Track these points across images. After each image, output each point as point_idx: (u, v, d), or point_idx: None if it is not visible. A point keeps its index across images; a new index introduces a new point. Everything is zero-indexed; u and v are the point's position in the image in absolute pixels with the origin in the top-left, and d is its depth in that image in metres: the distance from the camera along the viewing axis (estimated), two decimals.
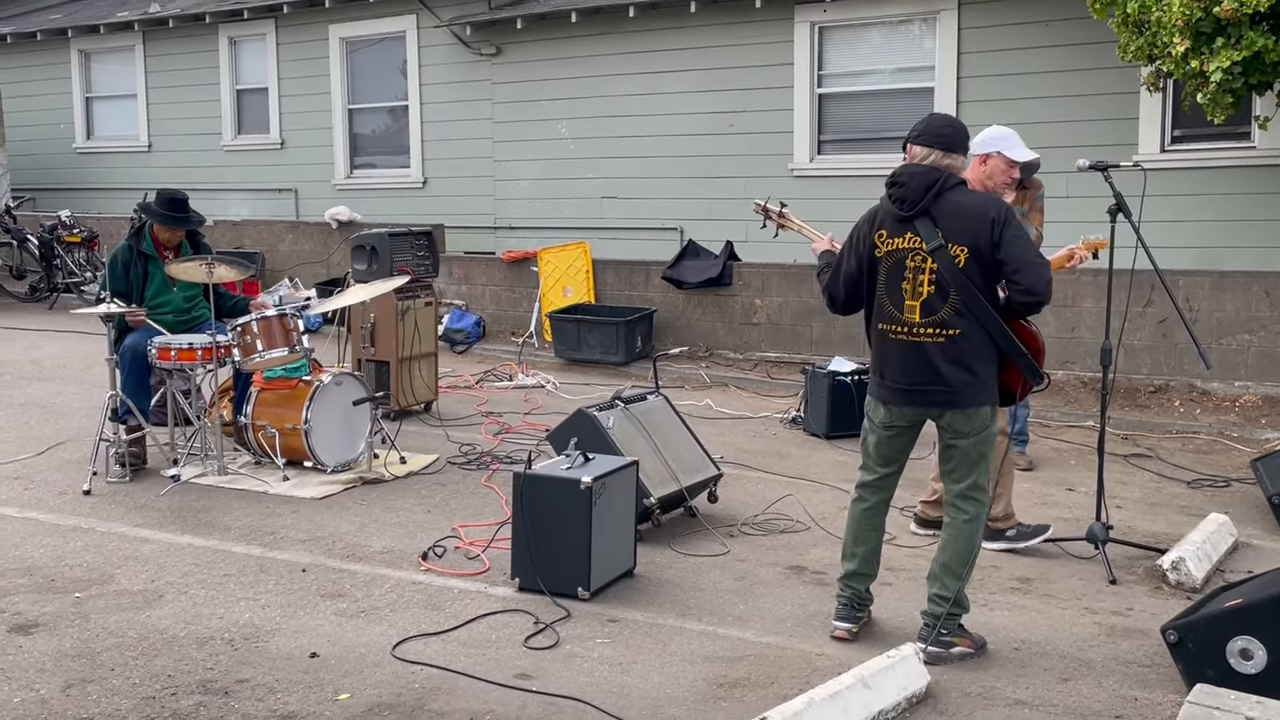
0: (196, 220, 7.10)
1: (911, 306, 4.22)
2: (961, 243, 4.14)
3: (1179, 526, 5.94)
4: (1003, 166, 5.25)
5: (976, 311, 4.15)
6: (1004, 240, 4.11)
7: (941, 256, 4.15)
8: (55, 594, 4.83)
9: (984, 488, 4.34)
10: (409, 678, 4.08)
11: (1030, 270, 4.11)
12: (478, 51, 13.07)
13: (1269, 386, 8.62)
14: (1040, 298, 4.12)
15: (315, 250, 13.28)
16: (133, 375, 6.63)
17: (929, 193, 4.18)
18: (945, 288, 4.16)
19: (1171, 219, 8.92)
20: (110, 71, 16.37)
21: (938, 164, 4.22)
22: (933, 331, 4.19)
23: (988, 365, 4.23)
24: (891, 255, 4.27)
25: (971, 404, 4.22)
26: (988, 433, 4.29)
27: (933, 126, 4.29)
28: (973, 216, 4.16)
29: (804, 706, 3.61)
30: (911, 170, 4.25)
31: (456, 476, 6.74)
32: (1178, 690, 4.00)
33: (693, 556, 5.44)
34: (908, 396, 4.28)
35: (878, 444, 4.45)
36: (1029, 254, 4.15)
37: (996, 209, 4.18)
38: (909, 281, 4.22)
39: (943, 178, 4.20)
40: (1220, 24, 7.28)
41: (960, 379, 4.19)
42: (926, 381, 4.22)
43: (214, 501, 6.17)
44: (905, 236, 4.23)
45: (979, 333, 4.18)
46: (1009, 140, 5.29)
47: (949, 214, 4.17)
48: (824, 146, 11.27)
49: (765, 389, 9.61)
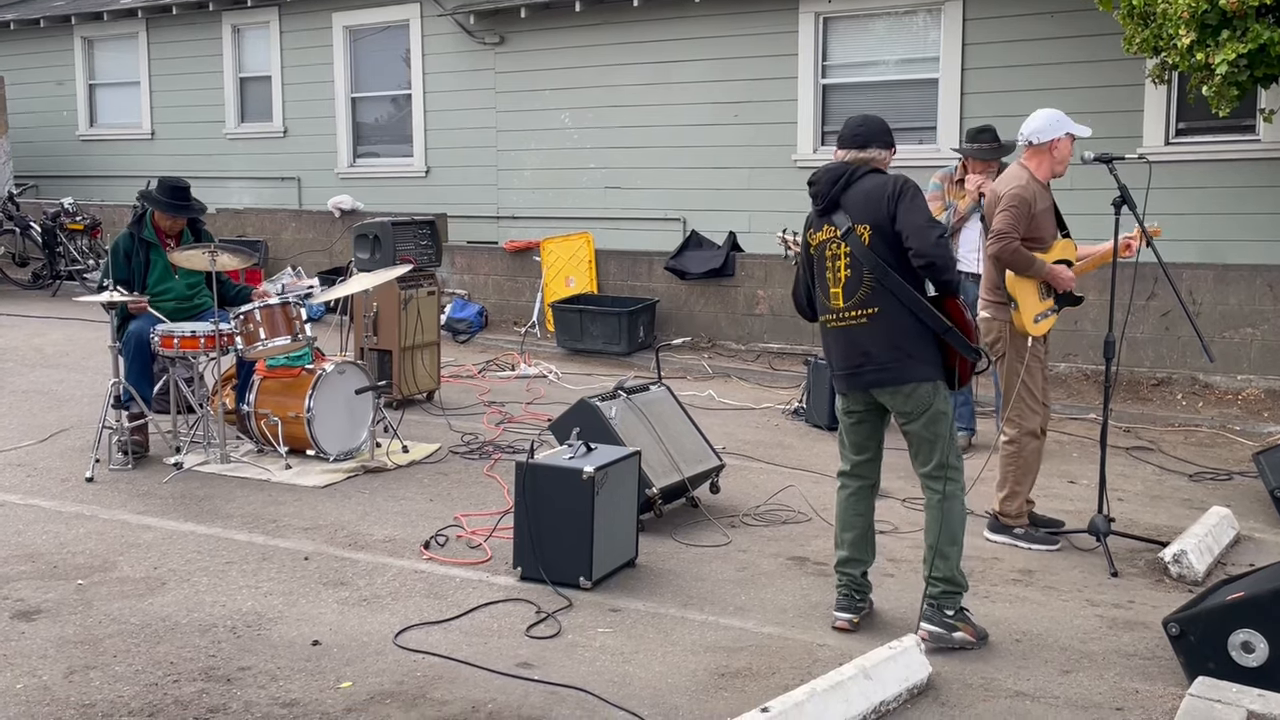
0: (198, 208, 7.10)
1: (835, 293, 4.42)
2: (864, 221, 4.32)
3: (1181, 519, 5.94)
4: (1070, 145, 5.41)
5: (892, 288, 4.27)
6: (899, 211, 4.26)
7: (851, 239, 4.34)
8: (58, 580, 4.84)
9: (951, 464, 4.37)
10: (411, 666, 4.09)
11: (918, 233, 4.19)
12: (481, 40, 13.04)
13: (1272, 380, 8.62)
14: (930, 258, 4.17)
15: (318, 239, 13.27)
16: (136, 362, 6.63)
17: (836, 185, 4.40)
18: (859, 269, 4.33)
19: (1175, 212, 8.90)
20: (113, 59, 16.35)
21: (853, 160, 4.42)
22: (856, 313, 4.36)
23: (917, 342, 4.30)
24: (817, 249, 4.50)
25: (905, 380, 4.30)
26: (934, 411, 4.33)
27: (847, 128, 4.52)
28: (874, 196, 4.32)
29: (805, 697, 3.61)
30: (824, 169, 4.47)
31: (459, 466, 6.75)
32: (1179, 683, 4.00)
33: (694, 547, 5.44)
34: (848, 380, 4.45)
35: (845, 430, 4.60)
36: (919, 219, 4.23)
37: (894, 185, 4.32)
38: (830, 269, 4.43)
39: (850, 170, 4.40)
40: (1226, 16, 7.26)
41: (886, 356, 4.31)
42: (858, 363, 4.38)
43: (216, 489, 6.18)
44: (824, 229, 4.46)
45: (898, 310, 4.29)
46: (1067, 120, 5.44)
47: (855, 199, 4.36)
48: (828, 138, 11.24)
49: (767, 380, 9.61)
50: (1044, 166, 5.39)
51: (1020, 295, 5.35)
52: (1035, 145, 5.40)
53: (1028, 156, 5.43)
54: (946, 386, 4.38)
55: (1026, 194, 5.27)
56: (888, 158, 4.47)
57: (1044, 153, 5.38)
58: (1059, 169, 5.39)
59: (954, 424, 4.44)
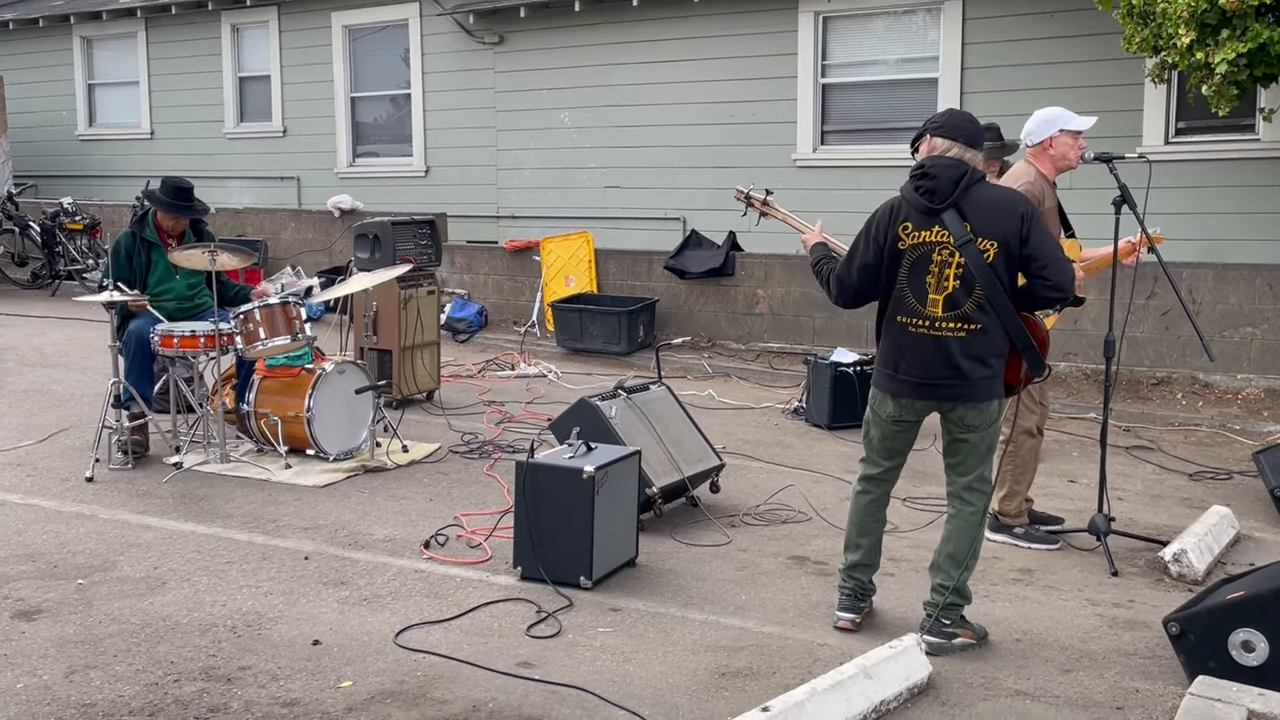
0: (201, 209, 7.10)
1: (935, 300, 4.18)
2: (990, 237, 4.13)
3: (1181, 519, 5.94)
4: (1068, 140, 5.37)
5: (998, 307, 4.15)
6: (1032, 236, 4.13)
7: (970, 251, 4.12)
8: (58, 580, 4.83)
9: (989, 479, 4.35)
10: (411, 666, 4.09)
11: (1059, 267, 4.14)
12: (480, 40, 13.04)
13: (1271, 379, 8.62)
14: (1065, 294, 4.18)
15: (318, 238, 13.27)
16: (136, 362, 6.63)
17: (958, 186, 4.14)
18: (971, 282, 4.14)
19: (1175, 211, 8.90)
20: (113, 58, 16.34)
21: (960, 157, 4.19)
22: (955, 325, 4.17)
23: (1001, 359, 4.24)
24: (917, 248, 4.21)
25: (985, 397, 4.23)
26: (996, 426, 4.31)
27: (955, 119, 4.27)
28: (1002, 212, 4.15)
29: (806, 696, 3.61)
30: (942, 163, 4.19)
31: (459, 465, 6.74)
32: (1179, 682, 4.00)
33: (695, 546, 5.44)
34: (924, 390, 4.25)
35: (883, 438, 4.42)
36: (1057, 250, 4.18)
37: (1025, 205, 4.20)
38: (934, 275, 4.18)
39: (970, 171, 4.17)
40: (1226, 16, 7.26)
41: (977, 373, 4.19)
42: (945, 375, 4.20)
43: (216, 489, 6.18)
44: (933, 230, 4.18)
45: (997, 327, 4.18)
46: (1063, 116, 5.38)
47: (978, 208, 4.15)
48: (827, 137, 11.25)
49: (767, 379, 9.61)
50: (1046, 165, 5.39)
51: None
52: (1031, 146, 5.41)
53: (1031, 155, 5.44)
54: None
55: (1035, 190, 5.27)
56: (983, 162, 4.31)
57: (1042, 152, 5.39)
58: (1062, 165, 5.37)
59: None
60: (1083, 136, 5.41)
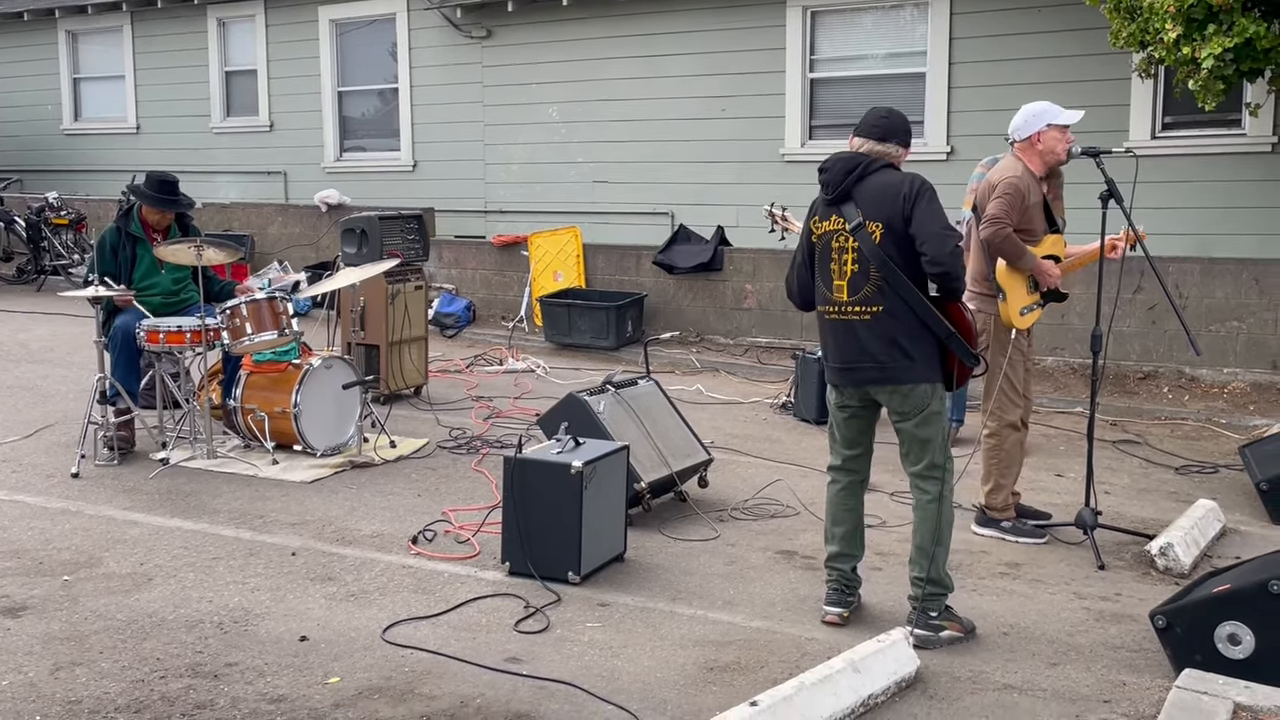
0: (186, 203, 7.07)
1: (839, 286, 4.37)
2: (877, 219, 4.27)
3: (1167, 512, 5.96)
4: (1056, 135, 5.37)
5: (898, 288, 4.24)
6: (914, 213, 4.21)
7: (861, 234, 4.28)
8: (43, 577, 4.81)
9: (941, 465, 4.37)
10: (399, 661, 4.08)
11: (935, 240, 4.16)
12: (468, 34, 13.00)
13: (1257, 373, 8.65)
14: (943, 267, 4.15)
15: (305, 233, 13.22)
16: (123, 357, 6.60)
17: (850, 176, 4.34)
18: (866, 265, 4.29)
19: (1162, 206, 8.92)
20: (98, 52, 16.25)
21: (869, 151, 4.36)
22: (859, 309, 4.32)
23: (918, 343, 4.28)
24: (821, 238, 4.44)
25: (905, 381, 4.29)
26: (929, 412, 4.33)
27: (868, 118, 4.46)
28: (888, 194, 4.27)
29: (794, 690, 3.61)
30: (837, 157, 4.43)
31: (446, 461, 6.73)
32: (1166, 675, 4.01)
33: (683, 541, 5.44)
34: (845, 375, 4.41)
35: (836, 425, 4.58)
36: (936, 225, 4.20)
37: (910, 184, 4.26)
38: (835, 261, 4.38)
39: (865, 161, 4.34)
40: (1212, 10, 7.27)
41: (889, 356, 4.28)
42: (858, 359, 4.35)
43: (203, 485, 6.16)
44: (831, 219, 4.40)
45: (903, 310, 4.26)
46: (1050, 111, 5.38)
47: (869, 194, 4.31)
48: (815, 132, 11.25)
49: (756, 374, 9.61)
50: (1034, 160, 5.40)
51: (1009, 287, 5.36)
52: (1019, 141, 5.42)
53: (1019, 150, 5.45)
54: (944, 388, 4.37)
55: (1021, 184, 5.28)
56: (904, 155, 4.42)
57: (1030, 147, 5.40)
58: (1050, 159, 5.39)
59: (947, 424, 4.44)
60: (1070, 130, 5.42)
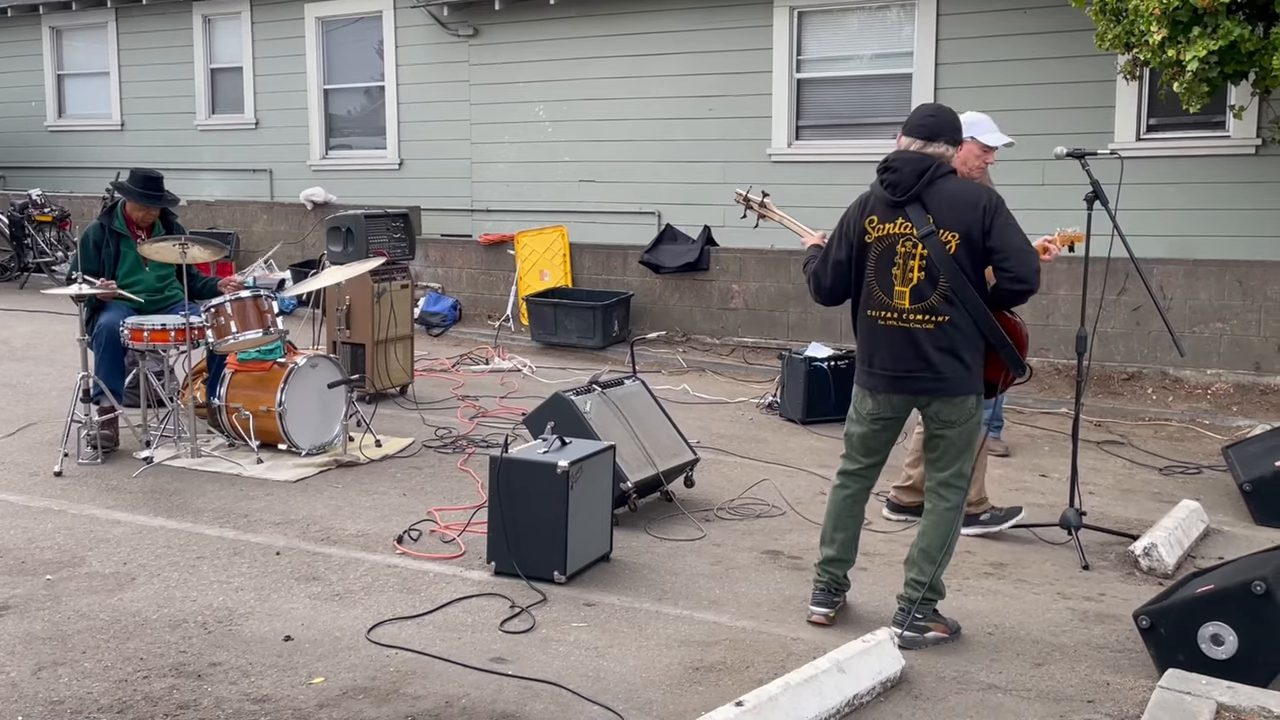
0: (171, 200, 7.04)
1: (901, 292, 4.22)
2: (953, 229, 4.15)
3: (1151, 513, 5.98)
4: (976, 151, 5.31)
5: (965, 299, 4.16)
6: (995, 227, 4.13)
7: (932, 242, 4.16)
8: (26, 576, 4.78)
9: (967, 475, 4.37)
10: (384, 661, 4.07)
11: (1020, 258, 4.12)
12: (455, 33, 12.97)
13: (1241, 374, 8.69)
14: (1028, 285, 4.14)
15: (290, 231, 13.18)
16: (107, 355, 6.57)
17: (921, 179, 4.18)
18: (935, 274, 4.17)
19: (1146, 207, 8.96)
20: (82, 49, 16.17)
21: (933, 154, 4.22)
22: (922, 318, 4.20)
23: (975, 354, 4.25)
24: (882, 241, 4.27)
25: (959, 392, 4.23)
26: (973, 422, 4.31)
27: (915, 116, 4.32)
28: (965, 204, 4.17)
29: (779, 690, 3.61)
30: (904, 156, 4.25)
31: (432, 460, 6.72)
32: (1149, 675, 4.03)
33: (669, 541, 5.44)
34: (897, 383, 4.28)
35: (863, 436, 4.44)
36: (1020, 242, 4.16)
37: (988, 197, 4.20)
38: (899, 267, 4.23)
39: (934, 164, 4.20)
40: (1197, 13, 7.31)
41: (949, 366, 4.20)
42: (916, 368, 4.23)
43: (187, 484, 6.13)
44: (896, 222, 4.23)
45: (966, 321, 4.19)
46: (982, 125, 5.32)
47: (941, 200, 4.18)
48: (802, 132, 11.26)
49: (742, 374, 9.62)
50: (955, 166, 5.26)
51: None
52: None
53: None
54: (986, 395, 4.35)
55: None
56: (954, 155, 4.31)
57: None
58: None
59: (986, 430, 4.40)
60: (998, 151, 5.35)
